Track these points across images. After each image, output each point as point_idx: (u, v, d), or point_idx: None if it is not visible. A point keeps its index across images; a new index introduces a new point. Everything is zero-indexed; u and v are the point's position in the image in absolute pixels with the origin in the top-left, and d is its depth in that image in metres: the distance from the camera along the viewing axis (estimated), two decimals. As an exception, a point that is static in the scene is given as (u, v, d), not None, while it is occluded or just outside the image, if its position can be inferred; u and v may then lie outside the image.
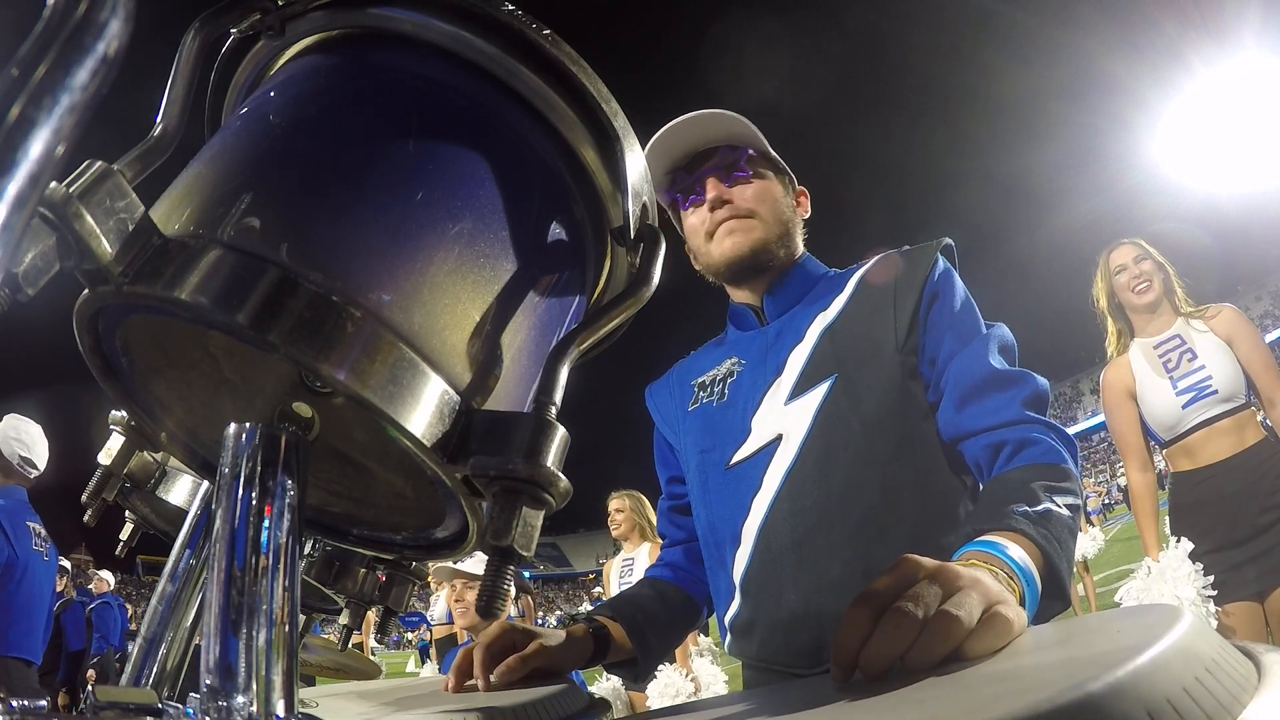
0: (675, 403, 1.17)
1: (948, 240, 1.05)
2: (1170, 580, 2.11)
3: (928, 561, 0.52)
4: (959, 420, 0.90)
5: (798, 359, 1.00)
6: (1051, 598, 0.67)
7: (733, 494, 1.00)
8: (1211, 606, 2.07)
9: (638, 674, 1.05)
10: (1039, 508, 0.71)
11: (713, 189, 1.06)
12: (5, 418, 3.09)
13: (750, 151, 1.08)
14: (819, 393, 0.96)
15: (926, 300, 0.97)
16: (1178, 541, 2.18)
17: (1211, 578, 2.09)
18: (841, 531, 0.91)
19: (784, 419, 0.98)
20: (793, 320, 1.06)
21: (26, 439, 3.09)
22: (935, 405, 0.95)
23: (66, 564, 5.35)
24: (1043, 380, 0.90)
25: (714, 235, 1.07)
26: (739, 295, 1.13)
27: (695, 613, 1.14)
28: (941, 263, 1.01)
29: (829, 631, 0.88)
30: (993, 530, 0.68)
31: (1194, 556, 2.14)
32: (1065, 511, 0.72)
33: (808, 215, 1.16)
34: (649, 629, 1.03)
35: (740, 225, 1.06)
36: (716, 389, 1.08)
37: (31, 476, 3.12)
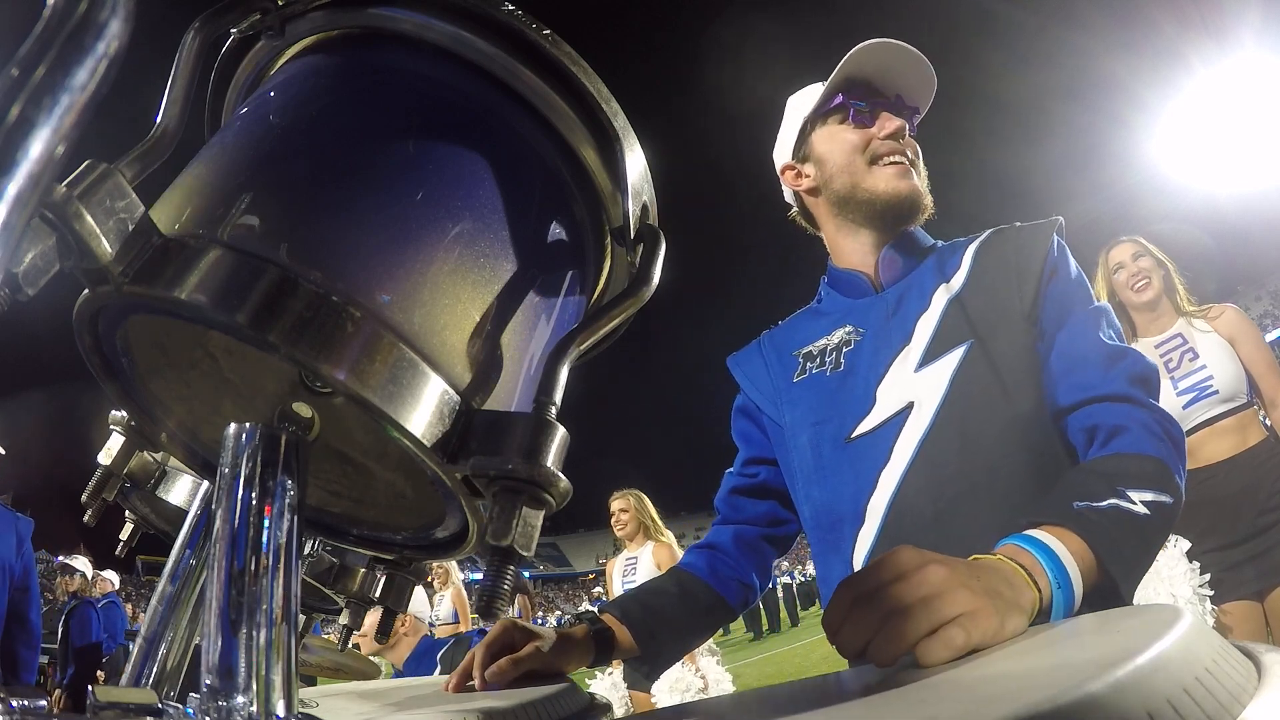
0: (774, 374, 1.08)
1: (1060, 218, 1.01)
2: (1166, 578, 2.11)
3: (921, 556, 0.53)
4: (1060, 395, 0.86)
5: (926, 326, 0.95)
6: (1106, 596, 0.64)
7: (854, 470, 0.94)
8: (1208, 605, 2.07)
9: (648, 673, 1.02)
10: (1104, 503, 0.68)
11: (897, 124, 1.02)
12: None
13: (920, 117, 1.09)
14: (954, 357, 0.91)
15: (1047, 275, 0.94)
16: (1175, 541, 2.18)
17: (1208, 576, 2.09)
18: (987, 502, 0.85)
19: (915, 386, 0.92)
20: (912, 287, 1.00)
21: None
22: (1045, 375, 0.91)
23: (79, 566, 5.32)
24: (1149, 359, 0.87)
25: (879, 163, 1.03)
26: (851, 256, 1.07)
27: (724, 612, 1.09)
28: (1056, 241, 0.97)
29: None
30: (1046, 524, 0.66)
31: (1194, 556, 2.14)
32: (1140, 509, 0.69)
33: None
34: (660, 631, 1.00)
35: (912, 171, 1.03)
36: (830, 358, 1.02)
37: None
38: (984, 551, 0.78)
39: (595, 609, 1.02)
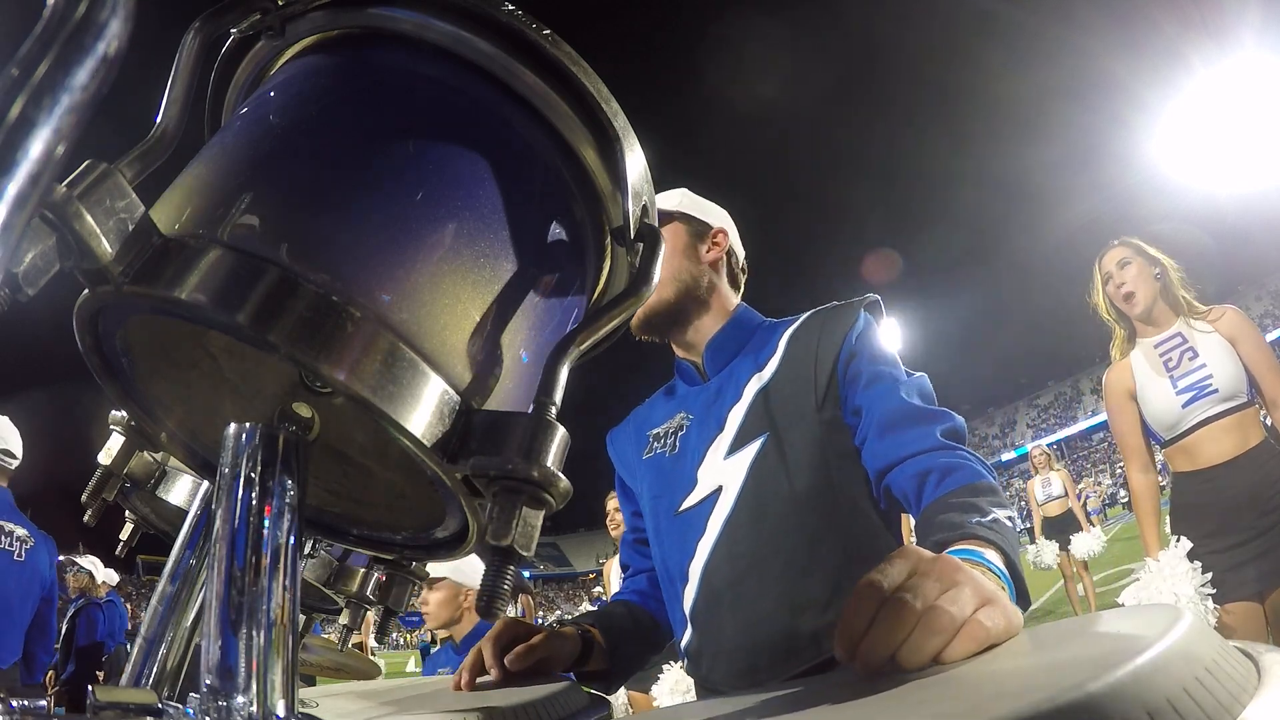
0: (633, 449, 1.27)
1: (873, 296, 1.14)
2: (1168, 578, 2.11)
3: (926, 553, 0.52)
4: (882, 451, 0.97)
5: (736, 416, 1.10)
6: (1019, 599, 0.69)
7: (681, 537, 1.10)
8: (1210, 604, 2.07)
9: (608, 687, 1.12)
10: (989, 517, 0.75)
11: None
12: None
13: None
14: (753, 449, 1.06)
15: (845, 359, 1.06)
16: (1177, 541, 2.18)
17: (1209, 575, 2.09)
18: (771, 571, 1.01)
19: (724, 472, 1.08)
20: (731, 377, 1.15)
21: (3, 430, 3.09)
22: (859, 446, 1.02)
23: (87, 565, 5.33)
24: (959, 417, 0.97)
25: None
26: (678, 350, 1.23)
27: (662, 634, 1.22)
28: (862, 320, 1.10)
29: (762, 658, 0.99)
30: (957, 540, 0.71)
31: (1195, 556, 2.14)
32: (1008, 522, 0.76)
33: (724, 253, 1.22)
34: (621, 646, 1.12)
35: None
36: (669, 441, 1.19)
37: (12, 467, 3.10)
38: (769, 613, 0.99)
39: (572, 620, 1.13)
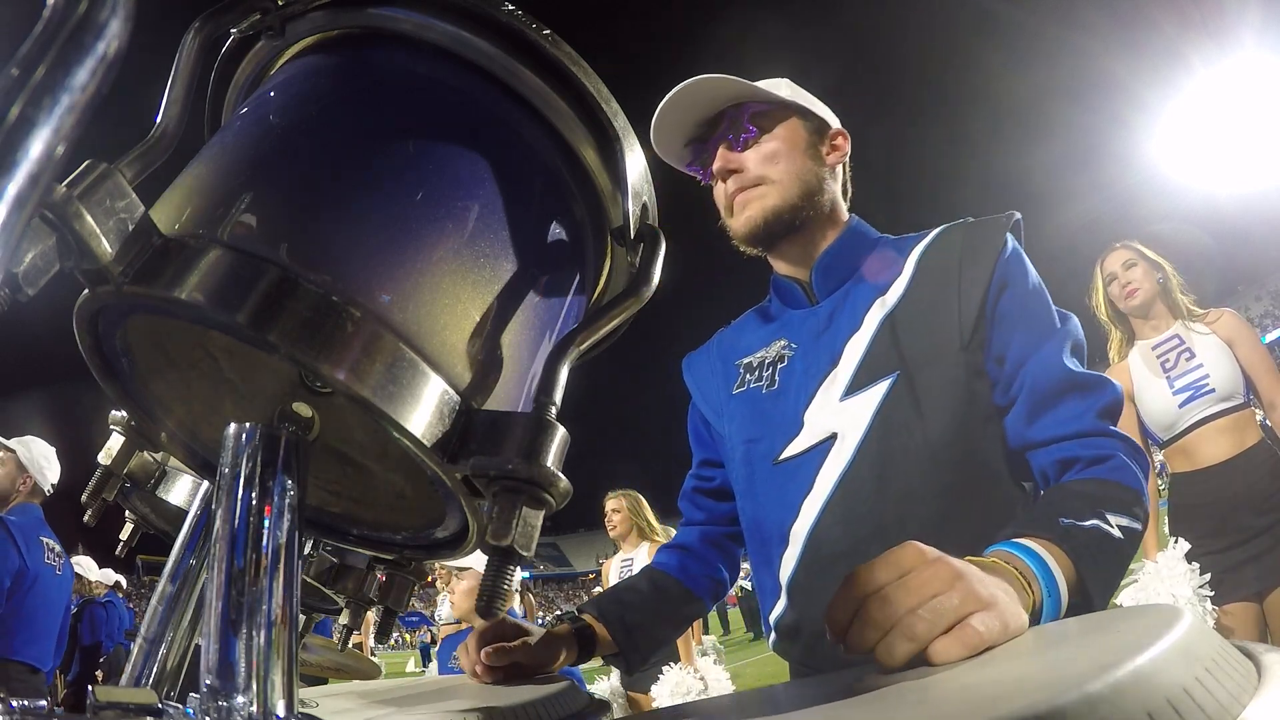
0: (718, 382, 1.09)
1: (1016, 215, 0.96)
2: (1167, 579, 2.12)
3: (928, 553, 0.52)
4: (1030, 430, 0.85)
5: (855, 350, 0.93)
6: (1075, 613, 0.65)
7: (781, 492, 0.95)
8: (1208, 605, 2.08)
9: (628, 667, 1.06)
10: (1087, 523, 0.69)
11: (719, 159, 0.99)
12: (27, 440, 3.22)
13: (754, 108, 1.00)
14: (878, 391, 0.90)
15: (995, 290, 0.90)
16: (1175, 542, 2.19)
17: (1208, 576, 2.09)
18: (898, 542, 0.88)
19: (840, 416, 0.92)
20: (847, 300, 0.98)
21: (49, 460, 3.25)
22: (1003, 409, 0.89)
23: (82, 568, 5.36)
24: (1118, 386, 0.86)
25: (732, 209, 1.01)
26: (782, 266, 1.05)
27: (695, 605, 1.11)
28: (1010, 244, 0.92)
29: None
30: (1031, 535, 0.66)
31: (1193, 557, 2.14)
32: (1116, 532, 0.70)
33: (846, 157, 1.06)
34: (635, 627, 1.02)
35: (753, 195, 0.98)
36: (766, 374, 1.01)
37: (48, 493, 3.29)
38: None
39: (574, 609, 1.05)
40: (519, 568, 0.41)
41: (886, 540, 0.86)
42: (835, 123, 1.06)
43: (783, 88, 1.02)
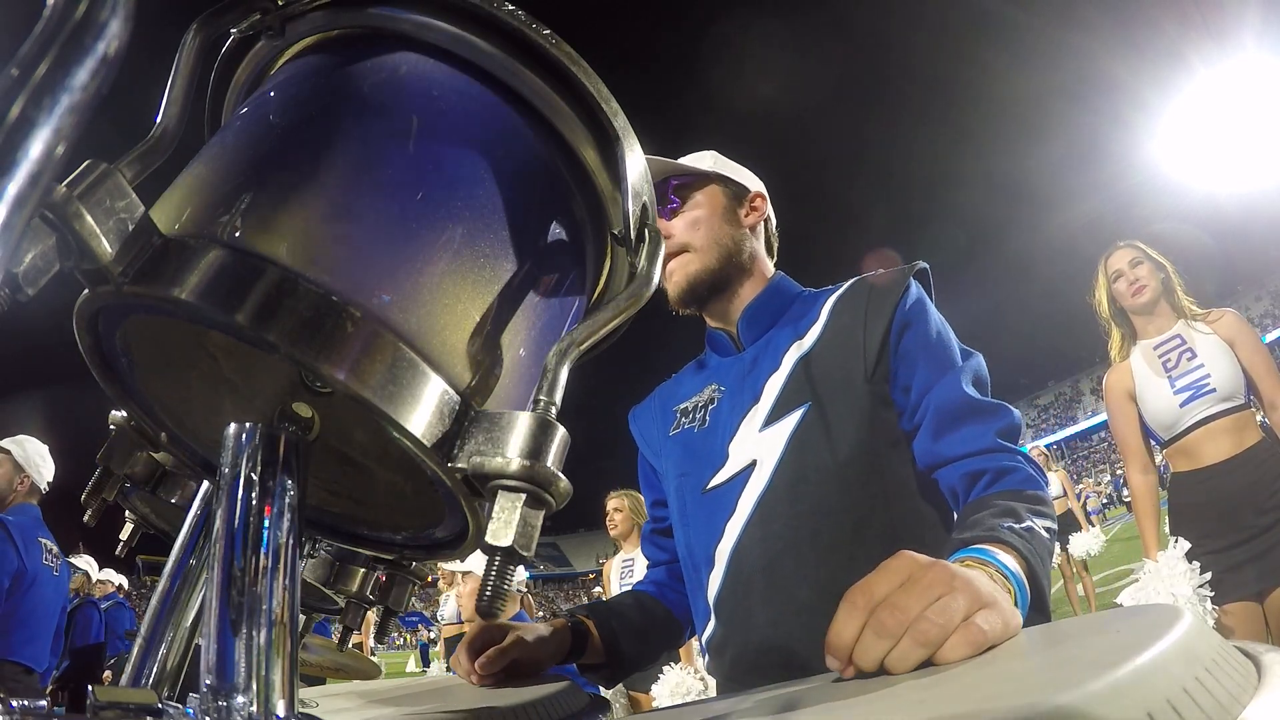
0: (658, 427, 1.19)
1: (922, 265, 1.06)
2: (1167, 579, 2.12)
3: (923, 559, 0.53)
4: (936, 448, 0.92)
5: (774, 386, 1.02)
6: (1035, 610, 0.68)
7: (708, 518, 1.02)
8: (1209, 605, 2.08)
9: (608, 679, 1.09)
10: (1023, 525, 0.73)
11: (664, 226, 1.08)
12: (21, 439, 3.23)
13: (675, 181, 1.10)
14: (792, 420, 0.98)
15: (897, 329, 0.98)
16: (1176, 542, 2.19)
17: (1208, 576, 2.09)
18: (810, 555, 0.93)
19: (759, 445, 1.00)
20: (769, 346, 1.07)
21: (44, 459, 3.26)
22: (909, 433, 0.96)
23: (83, 565, 5.36)
24: (1017, 413, 0.93)
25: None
26: (712, 320, 1.15)
27: (678, 629, 1.17)
28: (914, 289, 1.02)
29: (796, 653, 0.90)
30: (981, 541, 0.70)
31: (1193, 556, 2.14)
32: (1044, 533, 0.75)
33: (764, 217, 1.16)
34: (623, 637, 1.06)
35: (676, 263, 1.09)
36: (698, 415, 1.11)
37: (44, 491, 3.31)
38: (806, 602, 0.91)
39: (571, 611, 1.09)
40: (520, 568, 0.41)
41: (799, 553, 0.94)
42: (755, 185, 1.16)
43: (706, 159, 1.14)
